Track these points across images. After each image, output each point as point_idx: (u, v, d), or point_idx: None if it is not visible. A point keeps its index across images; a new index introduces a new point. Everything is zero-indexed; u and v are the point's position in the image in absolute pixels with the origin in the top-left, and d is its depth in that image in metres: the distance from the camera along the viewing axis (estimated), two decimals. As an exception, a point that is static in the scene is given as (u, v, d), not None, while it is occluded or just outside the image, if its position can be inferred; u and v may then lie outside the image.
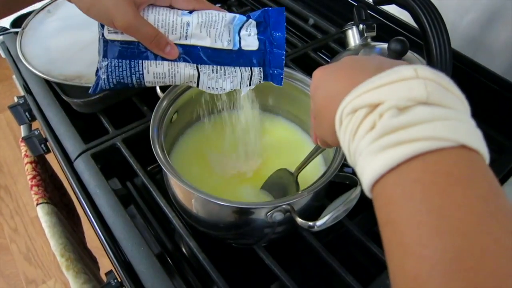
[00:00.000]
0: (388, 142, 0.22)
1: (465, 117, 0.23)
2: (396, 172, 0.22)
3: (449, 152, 0.21)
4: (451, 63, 0.45)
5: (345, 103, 0.25)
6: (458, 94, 0.24)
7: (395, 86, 0.23)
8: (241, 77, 0.47)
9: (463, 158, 0.22)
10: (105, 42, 0.43)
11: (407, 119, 0.22)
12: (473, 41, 0.69)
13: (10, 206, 1.62)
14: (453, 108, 0.23)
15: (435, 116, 0.22)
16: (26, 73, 0.70)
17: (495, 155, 0.61)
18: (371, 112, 0.24)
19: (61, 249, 0.62)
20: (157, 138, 0.44)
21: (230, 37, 0.46)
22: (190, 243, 0.47)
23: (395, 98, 0.23)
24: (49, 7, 0.77)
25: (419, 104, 0.23)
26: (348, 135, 0.25)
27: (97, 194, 0.52)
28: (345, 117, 0.25)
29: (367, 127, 0.23)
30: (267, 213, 0.40)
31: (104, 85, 0.44)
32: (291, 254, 0.55)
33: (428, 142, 0.21)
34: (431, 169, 0.21)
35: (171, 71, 0.44)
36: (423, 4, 0.45)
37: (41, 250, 1.47)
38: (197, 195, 0.40)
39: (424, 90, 0.23)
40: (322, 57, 0.79)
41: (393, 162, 0.22)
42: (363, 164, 0.24)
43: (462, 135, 0.22)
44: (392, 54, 0.53)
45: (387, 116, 0.23)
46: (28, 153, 0.75)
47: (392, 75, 0.24)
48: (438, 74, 0.24)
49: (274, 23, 0.47)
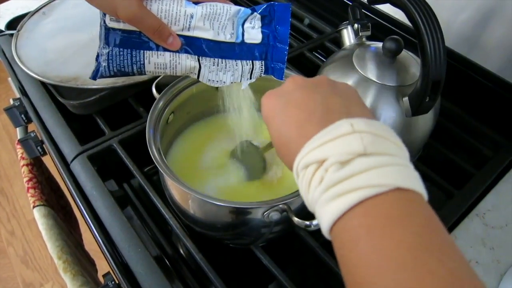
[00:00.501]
0: (334, 193, 0.25)
1: (401, 161, 0.26)
2: (343, 219, 0.25)
3: (386, 196, 0.24)
4: (445, 61, 0.45)
5: (298, 160, 0.28)
6: (394, 140, 0.27)
7: (336, 142, 0.26)
8: (242, 70, 0.47)
9: (399, 199, 0.24)
10: (107, 30, 0.43)
11: (347, 172, 0.25)
12: (468, 40, 0.70)
13: (7, 209, 1.62)
14: (389, 154, 0.26)
15: (371, 165, 0.25)
16: (21, 75, 0.69)
17: (490, 153, 0.62)
18: (319, 167, 0.26)
19: (58, 252, 0.62)
20: (153, 139, 0.44)
21: (234, 29, 0.45)
22: (187, 244, 0.47)
23: (336, 153, 0.26)
24: (44, 9, 0.77)
25: (358, 156, 0.25)
26: (304, 187, 0.28)
27: (93, 195, 0.52)
28: (300, 171, 0.28)
29: (317, 181, 0.26)
30: (263, 213, 0.40)
31: (105, 72, 0.44)
32: (288, 253, 0.55)
33: (366, 190, 0.24)
34: (371, 214, 0.24)
35: (173, 62, 0.44)
36: (417, 3, 0.45)
37: (38, 253, 1.47)
38: (194, 195, 0.40)
39: (360, 144, 0.26)
40: (317, 56, 0.79)
41: (339, 211, 0.24)
42: (319, 213, 0.26)
43: (396, 179, 0.24)
44: (387, 53, 0.53)
45: (331, 171, 0.26)
46: (24, 156, 0.74)
47: (333, 132, 0.27)
48: (373, 125, 0.27)
49: (279, 18, 0.47)
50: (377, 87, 0.52)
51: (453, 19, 0.70)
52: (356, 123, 0.27)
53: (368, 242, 0.23)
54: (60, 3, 0.79)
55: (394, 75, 0.52)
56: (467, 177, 0.57)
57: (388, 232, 0.23)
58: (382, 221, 0.24)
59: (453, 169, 0.60)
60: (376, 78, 0.53)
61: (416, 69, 0.54)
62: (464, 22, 0.69)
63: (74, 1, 0.80)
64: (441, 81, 0.46)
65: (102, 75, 0.44)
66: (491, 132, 0.64)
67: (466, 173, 0.58)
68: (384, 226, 0.23)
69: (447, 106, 0.66)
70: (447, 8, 0.70)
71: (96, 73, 0.44)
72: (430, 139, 0.59)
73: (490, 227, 0.54)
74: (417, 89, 0.48)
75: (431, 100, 0.48)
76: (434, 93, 0.47)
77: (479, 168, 0.59)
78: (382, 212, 0.24)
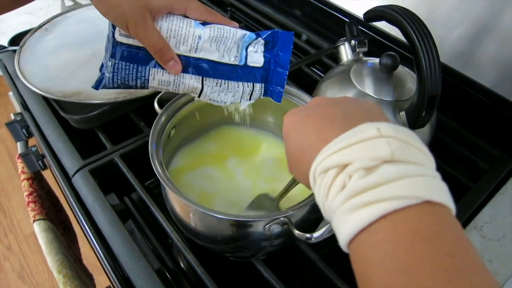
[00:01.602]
0: (358, 203, 0.23)
1: (429, 171, 0.24)
2: (367, 232, 0.23)
3: (415, 209, 0.22)
4: (441, 77, 0.46)
5: (317, 163, 0.27)
6: (421, 148, 0.25)
7: (360, 146, 0.25)
8: (242, 91, 0.48)
9: (428, 214, 0.23)
10: (115, 43, 0.44)
11: (373, 180, 0.23)
12: (462, 55, 0.71)
13: (4, 223, 1.61)
14: (417, 163, 0.24)
15: (399, 174, 0.23)
16: (23, 90, 0.70)
17: (486, 166, 0.62)
18: (340, 172, 0.25)
19: (58, 266, 0.62)
20: (156, 154, 0.45)
21: (238, 53, 0.47)
22: (188, 257, 0.47)
23: (362, 158, 0.24)
24: (47, 25, 0.78)
25: (384, 163, 0.24)
26: (322, 193, 0.26)
27: (95, 209, 0.52)
28: (318, 176, 0.27)
29: (338, 187, 0.25)
30: (265, 226, 0.41)
31: (108, 84, 0.45)
32: (289, 266, 0.55)
33: (394, 201, 0.22)
34: (399, 228, 0.22)
35: (176, 81, 0.46)
36: (411, 20, 0.46)
37: (35, 268, 1.46)
38: (196, 209, 0.40)
39: (388, 149, 0.24)
40: (315, 71, 0.80)
41: (363, 222, 0.23)
42: (337, 223, 0.25)
43: (426, 191, 0.23)
44: (383, 68, 0.54)
45: (355, 178, 0.24)
46: (25, 170, 0.75)
47: (358, 135, 0.25)
48: (400, 130, 0.25)
49: (281, 44, 0.49)
50: (374, 102, 0.53)
51: (447, 35, 0.71)
52: (383, 127, 0.25)
53: (395, 260, 0.22)
54: (62, 20, 0.81)
55: (391, 90, 0.54)
56: (464, 190, 0.58)
57: (418, 250, 0.21)
58: (411, 238, 0.22)
59: (450, 182, 0.60)
60: (373, 93, 0.54)
61: (412, 84, 0.55)
62: (458, 38, 0.71)
63: (76, 18, 0.81)
64: (437, 96, 0.47)
65: (105, 86, 0.45)
66: (487, 146, 0.65)
67: (463, 186, 0.59)
68: (413, 244, 0.22)
69: (443, 120, 0.68)
70: (441, 25, 0.72)
71: (99, 83, 0.45)
72: (427, 152, 0.60)
73: (487, 240, 0.55)
74: (414, 104, 0.49)
75: (427, 115, 0.50)
76: (430, 107, 0.49)
77: (475, 181, 0.59)
78: (411, 228, 0.22)
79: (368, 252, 0.23)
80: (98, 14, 0.85)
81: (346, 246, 0.25)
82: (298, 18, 1.00)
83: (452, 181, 0.59)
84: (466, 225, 0.56)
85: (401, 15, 0.46)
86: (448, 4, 0.70)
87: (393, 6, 0.49)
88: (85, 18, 0.81)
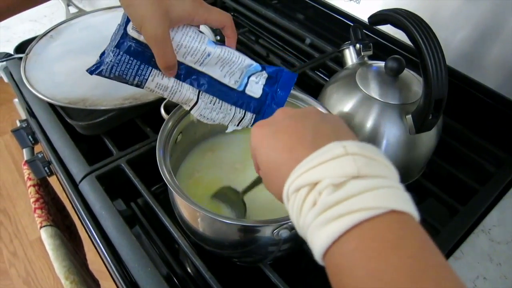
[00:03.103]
0: (328, 217, 0.25)
1: (393, 183, 0.26)
2: (339, 243, 0.24)
3: (381, 218, 0.24)
4: (447, 80, 0.46)
5: (289, 182, 0.28)
6: (385, 162, 0.27)
7: (329, 164, 0.26)
8: (233, 116, 0.49)
9: (394, 222, 0.24)
10: (124, 35, 0.43)
11: (341, 195, 0.25)
12: (466, 57, 0.71)
13: (9, 229, 1.61)
14: (382, 176, 0.26)
15: (366, 187, 0.25)
16: (29, 97, 0.71)
17: (493, 168, 0.62)
18: (311, 190, 0.26)
19: (65, 272, 0.62)
20: (163, 160, 0.45)
21: (240, 78, 0.48)
22: (196, 263, 0.47)
23: (330, 176, 0.26)
24: (52, 33, 0.79)
25: (351, 179, 0.25)
26: (296, 211, 0.27)
27: (102, 215, 0.53)
28: (291, 195, 0.28)
29: (310, 204, 0.26)
30: (273, 231, 0.41)
31: (105, 73, 0.43)
32: (296, 271, 0.55)
33: (361, 213, 0.24)
34: (366, 237, 0.24)
35: (173, 88, 0.45)
36: (417, 23, 0.46)
37: (40, 274, 1.46)
38: (204, 214, 0.40)
39: (354, 166, 0.26)
40: (319, 75, 0.80)
41: (334, 235, 0.24)
42: (311, 237, 0.26)
43: (390, 201, 0.25)
44: (389, 72, 0.54)
45: (325, 194, 0.25)
46: (31, 176, 0.75)
47: (326, 154, 0.27)
48: (365, 147, 0.27)
49: (283, 83, 0.49)
50: (380, 105, 0.53)
51: (451, 38, 0.71)
52: (349, 145, 0.27)
53: (364, 266, 0.23)
54: (67, 27, 0.81)
55: (396, 93, 0.54)
56: (471, 193, 0.58)
57: (384, 256, 0.23)
58: (378, 245, 0.23)
59: (457, 185, 0.61)
60: (379, 97, 0.54)
61: (418, 87, 0.55)
62: (462, 41, 0.71)
63: (81, 25, 0.82)
64: (443, 99, 0.47)
65: (101, 74, 0.44)
66: (494, 148, 0.65)
67: (470, 189, 0.59)
68: (380, 250, 0.23)
69: (449, 123, 0.67)
70: (445, 27, 0.72)
71: (95, 69, 0.44)
72: (434, 155, 0.60)
73: (496, 243, 0.54)
74: (420, 107, 0.49)
75: (434, 118, 0.50)
76: (437, 110, 0.49)
77: (483, 184, 0.59)
78: (378, 235, 0.24)
79: (341, 262, 0.24)
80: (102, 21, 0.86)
81: (321, 259, 0.26)
82: (301, 22, 1.01)
83: (459, 184, 0.60)
84: (474, 228, 0.56)
85: (406, 18, 0.46)
86: (451, 7, 0.70)
87: (398, 10, 0.49)
88: (89, 25, 0.82)
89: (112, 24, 0.45)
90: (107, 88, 0.66)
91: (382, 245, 0.23)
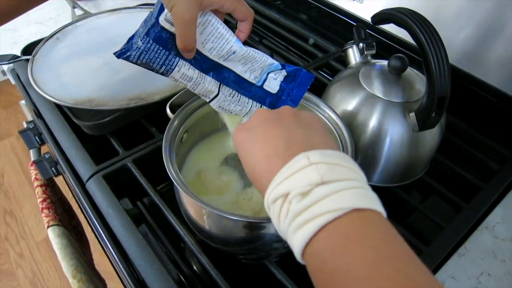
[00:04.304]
0: (299, 223, 0.27)
1: (356, 184, 0.28)
2: (310, 245, 0.27)
3: (345, 217, 0.26)
4: (450, 78, 0.47)
5: (267, 194, 0.30)
6: (351, 166, 0.30)
7: (296, 176, 0.29)
8: (249, 109, 0.50)
9: (357, 219, 0.27)
10: (156, 24, 0.43)
11: (307, 202, 0.27)
12: (469, 56, 0.71)
13: (16, 231, 1.62)
14: (345, 179, 0.28)
15: (328, 192, 0.27)
16: (36, 98, 0.71)
17: (497, 166, 0.62)
18: (284, 200, 0.29)
19: (73, 271, 0.63)
20: (169, 158, 0.46)
21: (259, 75, 0.49)
22: (202, 260, 0.48)
23: (297, 186, 0.28)
24: (58, 35, 0.80)
25: (316, 186, 0.28)
26: (275, 219, 0.30)
27: (109, 214, 0.53)
28: (270, 205, 0.30)
29: (284, 213, 0.29)
30: (278, 227, 0.41)
31: (132, 59, 0.44)
32: (301, 268, 0.55)
33: (326, 215, 0.26)
34: (333, 235, 0.26)
35: (197, 80, 0.46)
36: (420, 23, 0.47)
37: (47, 275, 1.47)
38: (211, 211, 0.41)
39: (317, 174, 0.28)
40: (323, 74, 0.81)
41: (305, 238, 0.27)
42: (290, 242, 0.29)
43: (353, 201, 0.27)
44: (392, 70, 0.55)
45: (294, 202, 0.28)
46: (38, 177, 0.76)
47: (293, 166, 0.29)
48: (328, 154, 0.30)
49: (300, 82, 0.50)
50: (384, 104, 0.54)
51: (454, 37, 0.72)
52: (312, 155, 0.29)
53: (333, 261, 0.25)
54: (72, 29, 0.82)
55: (400, 91, 0.54)
56: (475, 191, 0.58)
57: (349, 250, 0.25)
58: (343, 241, 0.26)
59: (460, 182, 0.61)
60: (383, 95, 0.54)
61: (421, 85, 0.55)
62: (465, 39, 0.71)
63: (86, 27, 0.83)
64: (446, 97, 0.48)
65: (129, 59, 0.44)
66: (497, 146, 0.65)
67: (474, 187, 0.59)
68: (345, 245, 0.25)
69: (452, 121, 0.68)
70: (448, 26, 0.72)
71: (123, 54, 0.44)
72: (437, 153, 0.60)
73: (500, 240, 0.55)
74: (423, 105, 0.50)
75: (437, 115, 0.50)
76: (440, 108, 0.49)
77: (486, 181, 0.59)
78: (342, 233, 0.26)
79: (314, 261, 0.27)
80: (108, 23, 0.87)
81: (301, 259, 0.28)
82: (305, 22, 1.01)
83: (462, 182, 0.61)
84: (478, 225, 0.56)
85: (410, 17, 0.47)
86: (454, 6, 0.71)
87: (401, 9, 0.49)
88: (95, 27, 0.83)
89: (117, 25, 0.46)
90: (113, 89, 0.67)
91: (346, 241, 0.26)
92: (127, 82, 0.68)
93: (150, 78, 0.67)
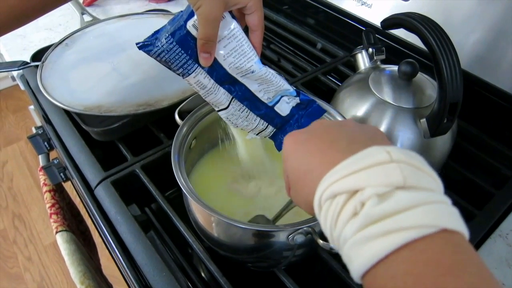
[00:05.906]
0: (374, 232, 0.22)
1: (441, 197, 0.24)
2: (385, 263, 0.22)
3: (434, 238, 0.22)
4: (462, 83, 0.46)
5: (323, 188, 0.25)
6: (431, 173, 0.25)
7: (371, 171, 0.24)
8: (255, 126, 0.51)
9: (447, 243, 0.22)
10: (182, 27, 0.43)
11: (389, 208, 0.22)
12: (480, 60, 0.70)
13: (24, 234, 1.63)
14: (429, 189, 0.24)
15: (415, 202, 0.22)
16: (45, 104, 0.72)
17: (509, 172, 0.61)
18: (350, 198, 0.24)
19: (81, 277, 0.62)
20: (178, 165, 0.45)
21: (273, 97, 0.49)
22: (210, 267, 0.47)
23: (374, 184, 0.23)
24: (67, 41, 0.80)
25: (397, 189, 0.23)
26: (330, 220, 0.25)
27: (118, 220, 0.53)
28: (324, 202, 0.25)
29: (349, 214, 0.23)
30: (288, 236, 0.41)
31: (153, 54, 0.44)
32: (311, 276, 0.55)
33: (412, 231, 0.21)
34: (419, 259, 0.21)
35: (211, 89, 0.46)
36: (430, 27, 0.46)
37: (54, 279, 1.47)
38: (220, 219, 0.40)
39: (400, 175, 0.23)
40: (331, 80, 0.80)
41: (381, 253, 0.22)
42: (350, 253, 0.23)
43: (442, 219, 0.22)
44: (402, 76, 0.54)
45: (369, 205, 0.23)
46: (47, 182, 0.76)
47: (367, 160, 0.24)
48: (410, 155, 0.25)
49: (310, 113, 0.51)
50: (394, 109, 0.53)
51: (464, 41, 0.71)
52: (393, 151, 0.24)
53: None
54: (81, 35, 0.83)
55: (410, 97, 0.53)
56: (487, 197, 0.57)
57: (441, 283, 0.20)
58: (432, 269, 0.21)
59: (473, 189, 0.60)
60: (393, 101, 0.54)
61: (431, 91, 0.55)
62: (475, 44, 0.70)
63: (95, 32, 0.83)
64: (458, 102, 0.47)
65: (149, 53, 0.44)
66: (510, 152, 0.64)
67: (487, 193, 0.58)
68: (435, 276, 0.20)
69: (464, 127, 0.67)
70: (458, 31, 0.71)
71: (145, 47, 0.44)
72: (449, 159, 0.59)
73: (514, 248, 0.54)
74: (435, 111, 0.49)
75: (449, 122, 0.49)
76: (452, 114, 0.48)
77: (499, 188, 0.58)
78: (432, 258, 0.21)
79: (387, 285, 0.22)
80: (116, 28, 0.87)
81: (360, 278, 0.23)
82: (313, 27, 1.01)
83: (475, 188, 0.60)
84: (491, 233, 0.55)
85: (420, 22, 0.46)
86: (464, 10, 0.70)
87: (411, 14, 0.49)
88: (104, 33, 0.83)
89: (126, 31, 0.46)
90: (122, 95, 0.67)
91: (438, 271, 0.21)
92: (136, 88, 0.68)
93: (158, 84, 0.67)
